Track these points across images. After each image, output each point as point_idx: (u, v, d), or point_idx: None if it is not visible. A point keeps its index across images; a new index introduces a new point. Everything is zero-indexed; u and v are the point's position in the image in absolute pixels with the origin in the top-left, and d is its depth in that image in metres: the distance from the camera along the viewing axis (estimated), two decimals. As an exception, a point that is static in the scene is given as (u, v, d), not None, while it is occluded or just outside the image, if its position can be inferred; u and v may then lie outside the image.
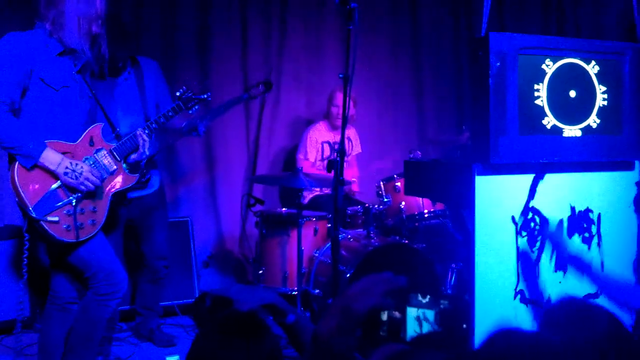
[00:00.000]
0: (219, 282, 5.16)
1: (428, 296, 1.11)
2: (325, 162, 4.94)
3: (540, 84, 2.88)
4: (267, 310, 1.65)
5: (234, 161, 5.32)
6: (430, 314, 1.09)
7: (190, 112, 3.57)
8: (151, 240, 4.05)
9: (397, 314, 1.10)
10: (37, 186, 2.91)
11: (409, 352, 1.05)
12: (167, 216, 4.16)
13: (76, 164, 2.98)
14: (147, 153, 3.32)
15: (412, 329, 1.10)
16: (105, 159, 3.15)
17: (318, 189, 4.78)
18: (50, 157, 2.93)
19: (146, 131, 3.31)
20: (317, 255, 4.21)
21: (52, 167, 2.93)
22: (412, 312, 1.10)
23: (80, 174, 2.99)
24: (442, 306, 1.09)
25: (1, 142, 2.86)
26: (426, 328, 1.09)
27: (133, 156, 3.27)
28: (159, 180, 4.02)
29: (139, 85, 3.87)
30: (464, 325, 1.03)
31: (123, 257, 4.02)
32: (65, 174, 2.95)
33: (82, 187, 2.99)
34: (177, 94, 3.50)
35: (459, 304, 1.10)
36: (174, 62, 4.98)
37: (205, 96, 3.58)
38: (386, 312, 1.11)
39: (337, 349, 1.03)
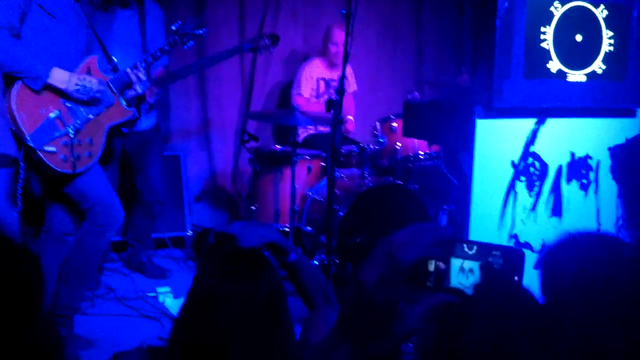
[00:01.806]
0: (210, 216, 5.15)
1: (475, 247, 1.05)
2: (320, 99, 4.88)
3: (548, 26, 2.82)
4: (269, 248, 1.63)
5: (227, 96, 5.23)
6: (475, 265, 1.03)
7: (186, 47, 3.48)
8: (145, 177, 4.01)
9: (442, 265, 1.05)
10: (34, 114, 2.85)
11: (456, 304, 1.02)
12: (162, 154, 4.11)
13: (84, 79, 2.92)
14: (145, 88, 3.26)
15: (456, 281, 1.05)
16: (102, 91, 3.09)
17: (312, 128, 4.73)
18: (59, 76, 2.86)
19: (143, 65, 3.24)
20: (310, 193, 4.20)
21: (62, 86, 2.87)
22: (456, 262, 1.05)
23: (91, 88, 2.94)
24: (490, 258, 1.03)
25: (7, 67, 2.77)
26: (471, 280, 1.04)
27: (130, 92, 3.21)
28: (155, 118, 3.94)
29: (141, 28, 3.74)
30: (516, 278, 0.99)
31: (118, 191, 4.00)
32: (77, 90, 2.90)
33: (97, 102, 2.95)
34: (173, 28, 3.40)
35: (511, 255, 1.05)
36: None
37: (202, 32, 3.48)
38: (433, 263, 1.06)
39: (381, 300, 0.99)
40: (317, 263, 3.46)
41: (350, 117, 4.93)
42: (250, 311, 1.39)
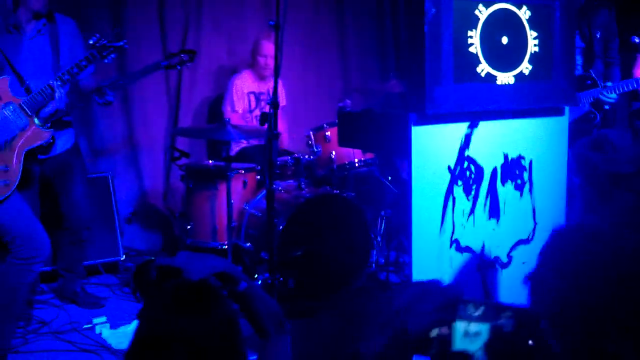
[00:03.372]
0: (143, 238, 5.00)
1: (482, 307, 0.99)
2: (252, 114, 4.81)
3: (474, 30, 2.85)
4: (218, 279, 1.56)
5: (153, 113, 5.09)
6: (483, 328, 0.96)
7: (106, 61, 3.35)
8: (70, 201, 3.81)
9: (445, 329, 0.98)
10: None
11: None
12: (85, 176, 3.92)
13: None
14: (61, 106, 3.12)
15: (460, 345, 0.97)
16: (15, 114, 2.94)
17: (245, 141, 4.66)
18: None
19: (58, 82, 3.11)
20: (247, 208, 4.12)
21: None
22: (460, 326, 0.97)
23: None
24: (499, 320, 0.96)
25: None
26: (478, 344, 0.97)
27: (46, 109, 3.07)
28: (73, 137, 3.76)
29: (53, 45, 3.49)
30: (530, 342, 0.92)
31: (40, 217, 3.81)
32: None
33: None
34: (90, 42, 3.28)
35: (523, 318, 0.98)
36: (84, 6, 4.65)
37: (122, 43, 3.36)
38: (436, 329, 0.98)
39: None
40: (260, 283, 3.39)
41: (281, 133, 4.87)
42: (204, 349, 1.33)
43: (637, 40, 4.28)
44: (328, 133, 4.32)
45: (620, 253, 1.44)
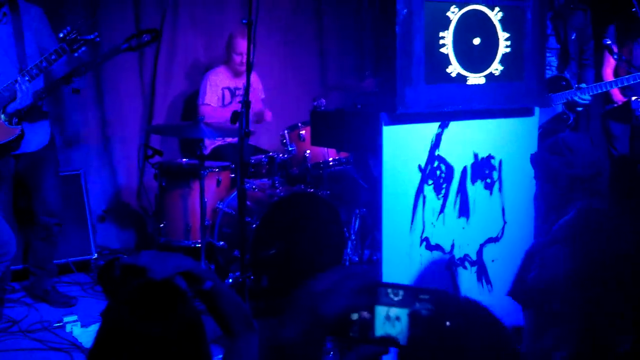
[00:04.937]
0: (116, 236, 4.97)
1: (401, 292, 0.99)
2: (226, 109, 4.80)
3: (446, 31, 2.87)
4: (183, 278, 1.56)
5: (128, 110, 5.06)
6: (402, 312, 0.97)
7: (76, 54, 3.31)
8: (41, 196, 3.79)
9: (366, 313, 0.98)
10: None
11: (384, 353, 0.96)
12: (58, 171, 3.90)
13: None
14: (28, 101, 3.08)
15: (381, 330, 0.98)
16: None
17: (220, 139, 4.65)
18: None
19: (26, 77, 3.07)
20: (220, 206, 4.12)
21: None
22: (381, 311, 0.98)
23: None
24: (417, 305, 0.97)
25: None
26: (398, 329, 0.98)
27: (12, 105, 3.03)
28: (48, 133, 3.73)
29: (17, 34, 3.43)
30: (447, 323, 0.94)
31: (12, 214, 3.78)
32: None
33: None
34: (61, 35, 3.23)
35: (441, 299, 0.99)
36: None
37: (93, 36, 3.32)
38: (356, 313, 0.99)
39: (305, 358, 0.91)
40: (231, 281, 3.38)
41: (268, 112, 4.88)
42: (167, 350, 1.33)
43: (608, 42, 4.35)
44: (302, 132, 4.32)
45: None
